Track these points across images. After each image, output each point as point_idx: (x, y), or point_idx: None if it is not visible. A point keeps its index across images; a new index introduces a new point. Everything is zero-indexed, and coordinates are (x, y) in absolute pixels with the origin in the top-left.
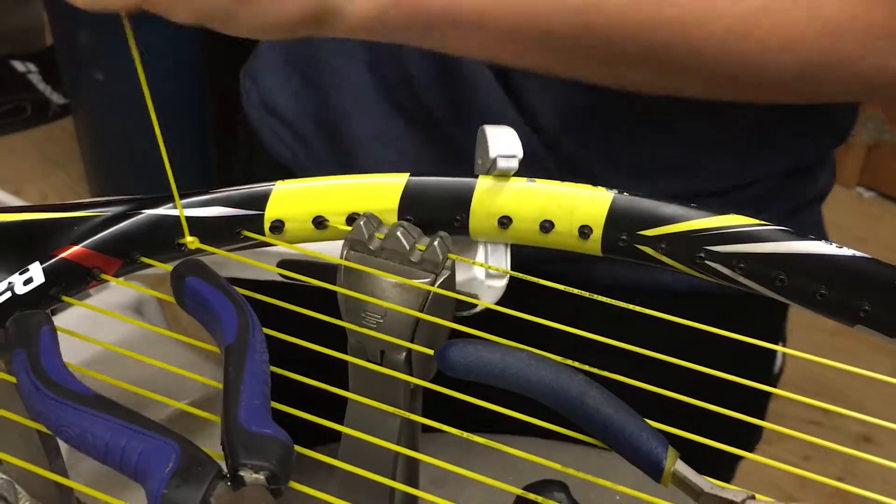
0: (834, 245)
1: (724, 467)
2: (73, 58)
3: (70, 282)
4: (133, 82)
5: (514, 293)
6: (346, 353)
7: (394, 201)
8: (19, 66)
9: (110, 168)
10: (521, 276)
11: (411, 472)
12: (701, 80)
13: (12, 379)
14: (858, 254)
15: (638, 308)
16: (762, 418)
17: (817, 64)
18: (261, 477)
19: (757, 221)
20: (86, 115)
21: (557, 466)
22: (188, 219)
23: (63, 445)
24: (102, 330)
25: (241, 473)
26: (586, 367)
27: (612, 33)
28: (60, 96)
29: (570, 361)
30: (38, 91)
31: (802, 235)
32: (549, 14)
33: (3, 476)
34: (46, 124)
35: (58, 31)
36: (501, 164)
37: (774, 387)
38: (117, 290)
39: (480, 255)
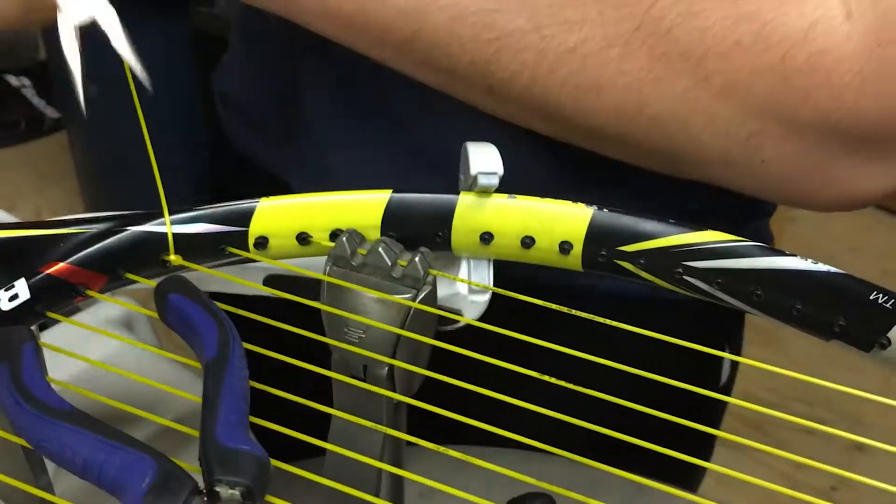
0: (809, 261)
1: (688, 475)
2: (67, 72)
3: (56, 298)
4: (127, 97)
5: (497, 308)
6: (329, 368)
7: (376, 217)
8: (13, 80)
9: (104, 182)
10: (503, 291)
11: (396, 488)
12: (516, 109)
13: None
14: (833, 269)
15: (618, 324)
16: (716, 422)
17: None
18: (236, 492)
19: (734, 238)
20: (80, 129)
21: (544, 485)
22: (173, 235)
23: (50, 463)
24: (93, 345)
25: (217, 489)
26: (567, 384)
27: (440, 42)
28: (54, 111)
29: (550, 378)
30: (32, 106)
31: (779, 252)
32: (380, 12)
33: None
34: (40, 139)
35: (52, 46)
36: (482, 180)
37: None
38: (107, 306)
39: (463, 271)
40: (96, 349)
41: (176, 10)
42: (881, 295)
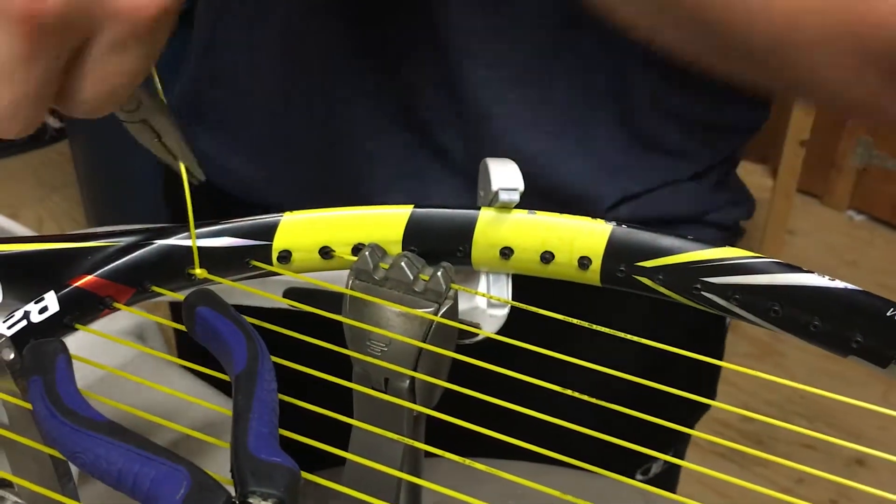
0: (826, 278)
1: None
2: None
3: (84, 310)
4: None
5: (515, 322)
6: (350, 380)
7: (398, 232)
8: None
9: (105, 192)
10: (522, 305)
11: (414, 497)
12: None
13: (28, 405)
14: (850, 286)
15: (632, 337)
16: (713, 384)
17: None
18: None
19: (752, 254)
20: (82, 139)
21: (562, 496)
22: (198, 249)
23: (74, 469)
24: (106, 355)
25: (251, 501)
26: (584, 397)
27: None
28: (56, 120)
29: (568, 391)
30: None
31: (796, 268)
32: None
33: (17, 500)
34: (42, 148)
35: None
36: (503, 196)
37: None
38: (119, 316)
39: (482, 285)
40: (109, 359)
41: (182, 25)
42: None
